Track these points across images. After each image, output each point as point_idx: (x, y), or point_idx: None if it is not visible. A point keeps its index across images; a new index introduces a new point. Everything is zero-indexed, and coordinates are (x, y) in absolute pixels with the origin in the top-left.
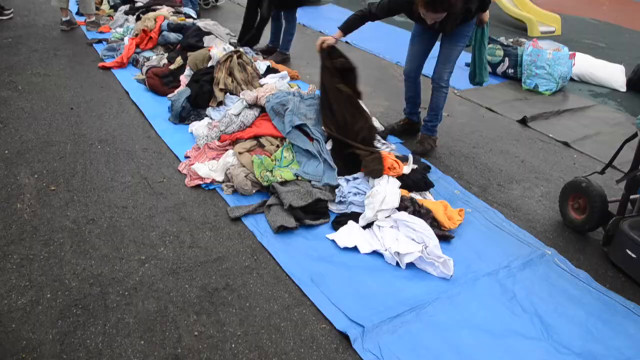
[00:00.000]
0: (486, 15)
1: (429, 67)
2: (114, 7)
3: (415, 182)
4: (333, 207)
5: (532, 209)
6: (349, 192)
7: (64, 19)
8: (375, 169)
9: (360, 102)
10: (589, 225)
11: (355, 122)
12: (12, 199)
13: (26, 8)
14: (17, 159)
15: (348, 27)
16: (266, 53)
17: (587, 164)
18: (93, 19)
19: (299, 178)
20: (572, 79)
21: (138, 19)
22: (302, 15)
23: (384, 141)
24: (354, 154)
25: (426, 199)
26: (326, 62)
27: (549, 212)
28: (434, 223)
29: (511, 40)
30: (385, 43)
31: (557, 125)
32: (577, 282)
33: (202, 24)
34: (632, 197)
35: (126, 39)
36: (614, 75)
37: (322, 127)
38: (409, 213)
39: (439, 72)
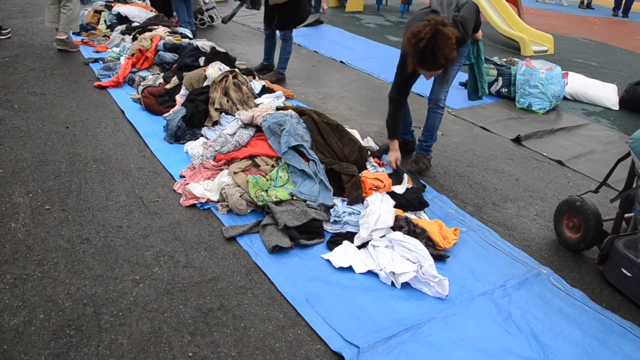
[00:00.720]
0: (479, 34)
1: (424, 88)
2: (111, 27)
3: (409, 201)
4: (328, 227)
5: (527, 228)
6: (344, 212)
7: (58, 38)
8: (355, 195)
9: (347, 128)
10: (584, 244)
11: (344, 146)
12: (6, 218)
13: (23, 28)
14: (12, 178)
15: (395, 132)
16: (261, 71)
17: (581, 183)
18: (64, 37)
19: (294, 198)
20: (565, 98)
21: (134, 38)
22: (298, 35)
23: (374, 162)
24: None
25: (421, 219)
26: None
27: (544, 231)
28: (429, 242)
29: (504, 59)
30: (379, 62)
31: (551, 143)
32: (573, 301)
33: (199, 43)
34: (626, 215)
35: (122, 59)
36: (607, 94)
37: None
38: (404, 233)
39: (436, 93)
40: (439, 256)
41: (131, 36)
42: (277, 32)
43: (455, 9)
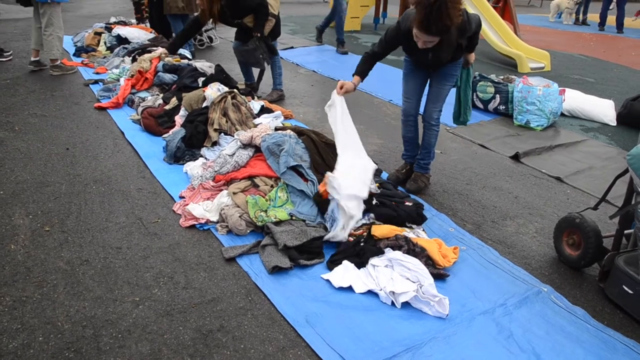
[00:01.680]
0: (472, 56)
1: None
2: (110, 49)
3: (408, 213)
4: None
5: (526, 246)
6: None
7: (32, 59)
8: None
9: None
10: (584, 261)
11: None
12: (6, 239)
13: (25, 50)
14: (12, 199)
15: (362, 71)
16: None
17: (581, 199)
18: (57, 62)
19: (293, 218)
20: (562, 114)
21: (134, 60)
22: (296, 54)
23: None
24: None
25: (420, 237)
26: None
27: (543, 249)
28: (429, 261)
29: (501, 77)
30: (377, 81)
31: (550, 160)
32: (574, 319)
33: (197, 64)
34: (626, 232)
35: (122, 80)
36: (604, 109)
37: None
38: (403, 252)
39: (429, 111)
40: (439, 275)
41: (130, 57)
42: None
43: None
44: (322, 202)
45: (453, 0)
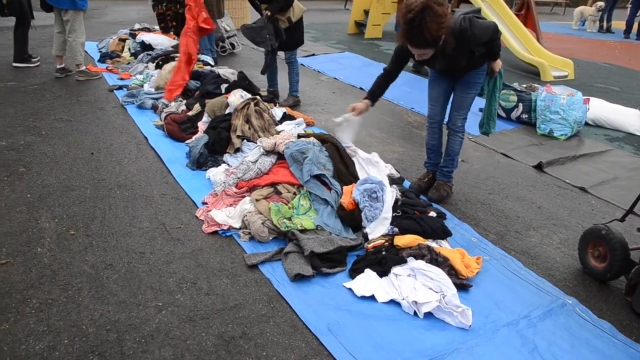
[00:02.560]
0: (497, 64)
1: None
2: (134, 55)
3: (434, 229)
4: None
5: (550, 257)
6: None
7: (58, 66)
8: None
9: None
10: (610, 274)
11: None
12: (33, 242)
13: (52, 56)
14: (39, 202)
15: (373, 92)
16: (272, 97)
17: (606, 210)
18: (82, 68)
19: (319, 228)
20: (587, 124)
21: (157, 66)
22: (318, 61)
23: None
24: None
25: (443, 247)
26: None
27: (568, 260)
28: (452, 271)
29: (524, 85)
30: (399, 89)
31: (574, 170)
32: (600, 333)
33: (220, 71)
34: None
35: (146, 86)
36: (630, 119)
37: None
38: (426, 261)
39: (453, 118)
40: (462, 285)
41: (154, 64)
42: (283, 55)
43: (472, 14)
44: (345, 215)
45: (433, 14)
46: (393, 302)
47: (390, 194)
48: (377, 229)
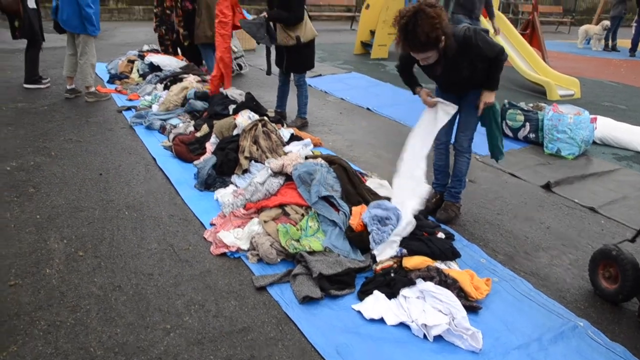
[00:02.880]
0: (490, 96)
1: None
2: (143, 76)
3: (442, 251)
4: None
5: (560, 278)
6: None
7: (68, 87)
8: None
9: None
10: (622, 295)
11: (378, 198)
12: (42, 264)
13: (62, 77)
14: (48, 223)
15: (413, 82)
16: (279, 118)
17: (616, 230)
18: (92, 89)
19: (327, 250)
20: (594, 143)
21: (166, 87)
22: (325, 82)
23: None
24: None
25: (452, 269)
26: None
27: (578, 281)
28: (461, 293)
29: (531, 105)
30: (405, 109)
31: (582, 190)
32: (613, 356)
33: (228, 92)
34: None
35: (154, 107)
36: (637, 137)
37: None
38: (435, 283)
39: (459, 139)
40: (471, 307)
41: (162, 85)
42: (292, 76)
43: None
44: (354, 236)
45: (425, 16)
46: (402, 324)
47: (407, 224)
48: (385, 251)
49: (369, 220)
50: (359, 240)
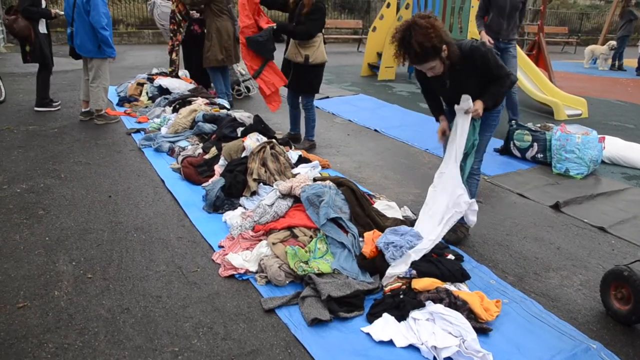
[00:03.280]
0: (478, 105)
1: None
2: (152, 99)
3: (452, 272)
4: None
5: (571, 299)
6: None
7: (83, 110)
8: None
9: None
10: (635, 317)
11: (386, 220)
12: (50, 286)
13: (72, 100)
14: (57, 245)
15: (438, 109)
16: (292, 141)
17: (627, 250)
18: (102, 112)
19: (336, 272)
20: (603, 162)
21: (175, 110)
22: (332, 104)
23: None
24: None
25: (461, 290)
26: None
27: (590, 302)
28: (471, 315)
29: (539, 125)
30: (413, 130)
31: (592, 209)
32: None
33: (236, 114)
34: None
35: (163, 129)
36: None
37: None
38: (445, 305)
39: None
40: (482, 329)
41: (171, 107)
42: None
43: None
44: (366, 264)
45: (418, 27)
46: (412, 347)
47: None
48: (399, 266)
49: (383, 245)
50: (372, 266)
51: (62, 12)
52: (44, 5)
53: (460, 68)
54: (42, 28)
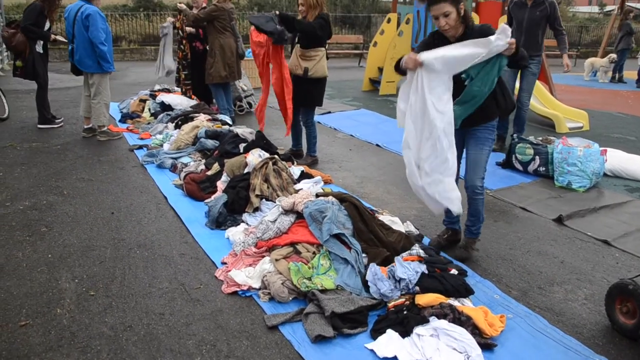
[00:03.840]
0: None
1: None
2: (154, 115)
3: (455, 287)
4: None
5: (576, 313)
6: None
7: (85, 126)
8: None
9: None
10: None
11: (390, 234)
12: (53, 303)
13: (74, 117)
14: (60, 263)
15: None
16: (294, 157)
17: (631, 263)
18: (104, 129)
19: (339, 288)
20: (605, 175)
21: (177, 126)
22: (334, 119)
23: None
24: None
25: (465, 306)
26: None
27: (595, 316)
28: (475, 331)
29: (540, 138)
30: None
31: (595, 222)
32: None
33: (239, 130)
34: None
35: (166, 146)
36: None
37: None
38: (449, 321)
39: (471, 180)
40: (486, 345)
41: (174, 124)
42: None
43: None
44: None
45: None
46: None
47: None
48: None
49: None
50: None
51: (64, 39)
52: (47, 27)
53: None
54: (39, 47)
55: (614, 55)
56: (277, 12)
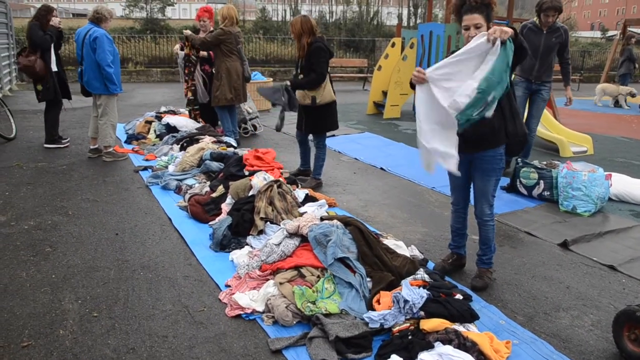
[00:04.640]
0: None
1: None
2: (160, 137)
3: (460, 313)
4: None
5: (583, 340)
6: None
7: (91, 147)
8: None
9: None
10: None
11: (395, 259)
12: (55, 324)
13: (81, 137)
14: (63, 283)
15: None
16: (297, 176)
17: (638, 289)
18: (110, 149)
19: (343, 312)
20: (610, 199)
21: (182, 148)
22: (338, 142)
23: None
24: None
25: (470, 331)
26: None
27: (602, 343)
28: (481, 357)
29: (544, 162)
30: (419, 168)
31: (601, 247)
32: None
33: (244, 153)
34: None
35: (171, 167)
36: None
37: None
38: (454, 346)
39: (479, 208)
40: None
41: (179, 145)
42: (310, 137)
43: None
44: None
45: None
46: None
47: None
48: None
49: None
50: None
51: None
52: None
53: None
54: (54, 66)
55: (635, 91)
56: (289, 84)
